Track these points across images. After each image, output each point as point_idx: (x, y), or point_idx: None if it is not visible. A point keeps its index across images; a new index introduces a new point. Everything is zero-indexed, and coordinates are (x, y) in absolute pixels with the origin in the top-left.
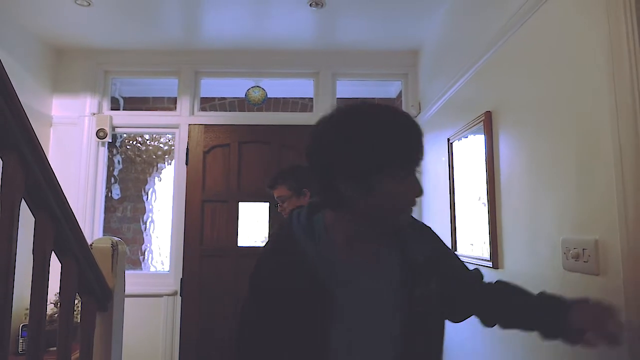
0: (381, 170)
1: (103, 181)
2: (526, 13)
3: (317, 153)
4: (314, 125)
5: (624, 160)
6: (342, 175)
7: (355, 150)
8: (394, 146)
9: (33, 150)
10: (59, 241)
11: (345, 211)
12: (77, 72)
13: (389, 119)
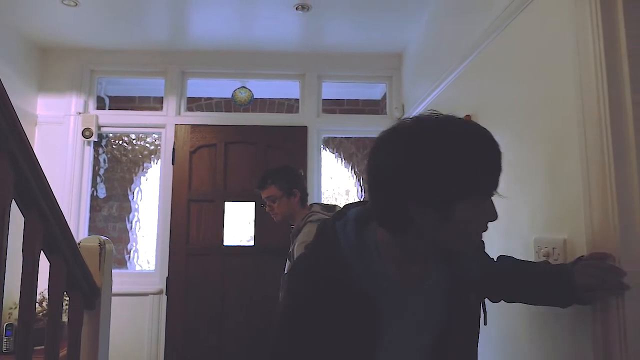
0: (466, 197)
1: (89, 180)
2: (504, 20)
3: (389, 171)
4: (383, 137)
5: (590, 165)
6: (418, 201)
7: (443, 174)
8: (483, 170)
9: (23, 151)
10: (48, 240)
11: (399, 237)
12: (63, 71)
13: (478, 138)
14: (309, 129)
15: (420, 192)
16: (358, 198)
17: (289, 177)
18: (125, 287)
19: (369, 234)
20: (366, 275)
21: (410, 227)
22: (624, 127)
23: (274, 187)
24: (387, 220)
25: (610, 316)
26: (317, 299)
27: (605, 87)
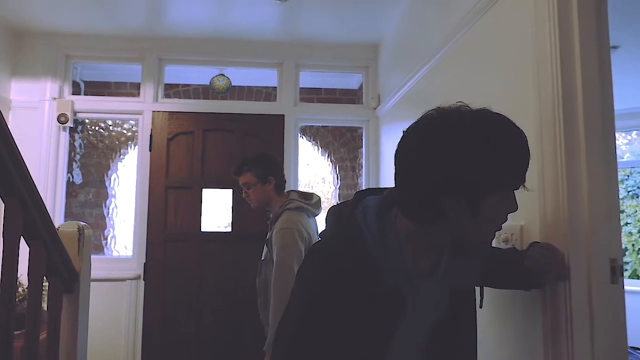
0: (495, 191)
1: (64, 166)
2: (474, 16)
3: (425, 162)
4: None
5: (545, 161)
6: (451, 193)
7: (478, 168)
8: (515, 164)
9: (3, 137)
10: (28, 226)
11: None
12: (37, 55)
13: (512, 134)
14: (286, 117)
15: (455, 185)
16: (334, 186)
17: (265, 165)
18: (103, 273)
19: (390, 224)
20: (389, 266)
21: (439, 219)
22: (576, 127)
23: (249, 174)
24: (416, 211)
25: (559, 300)
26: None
27: (560, 90)
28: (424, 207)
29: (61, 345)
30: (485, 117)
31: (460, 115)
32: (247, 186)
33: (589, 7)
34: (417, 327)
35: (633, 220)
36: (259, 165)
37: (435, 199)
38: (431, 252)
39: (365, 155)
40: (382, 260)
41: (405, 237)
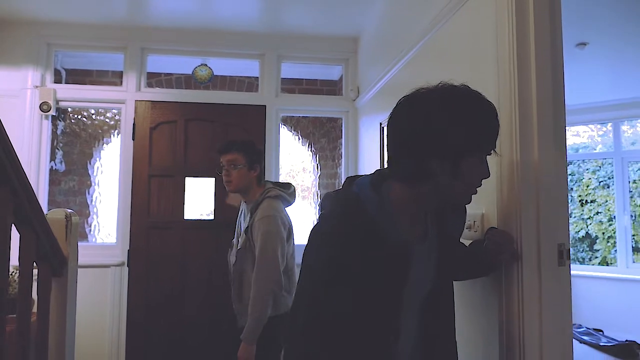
0: (472, 153)
1: (47, 154)
2: (447, 14)
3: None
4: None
5: (502, 151)
6: (437, 155)
7: (462, 129)
8: (489, 129)
9: None
10: (18, 212)
11: (419, 189)
12: (18, 43)
13: (485, 103)
14: (267, 108)
15: (440, 148)
16: (314, 175)
17: (255, 151)
18: (87, 260)
19: (384, 194)
20: (391, 229)
21: (429, 180)
22: (530, 122)
23: (239, 155)
24: (410, 173)
25: (512, 280)
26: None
27: (516, 87)
28: (417, 169)
29: (50, 327)
30: (464, 90)
31: (443, 89)
32: (234, 165)
33: (543, 11)
34: (416, 289)
35: (603, 209)
36: (250, 150)
37: (426, 161)
38: (420, 218)
39: (344, 145)
40: (385, 224)
41: (398, 205)
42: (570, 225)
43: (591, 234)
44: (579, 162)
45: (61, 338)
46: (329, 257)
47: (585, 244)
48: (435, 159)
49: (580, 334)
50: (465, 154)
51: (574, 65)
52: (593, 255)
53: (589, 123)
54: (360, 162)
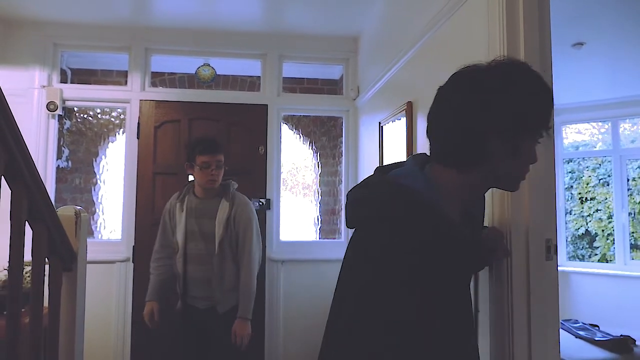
0: (532, 135)
1: (54, 153)
2: (444, 15)
3: (473, 106)
4: (466, 73)
5: None
6: (497, 132)
7: (526, 107)
8: (547, 111)
9: (11, 129)
10: (32, 209)
11: (475, 173)
12: (25, 44)
13: (546, 83)
14: (269, 107)
15: (500, 125)
16: (315, 173)
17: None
18: (93, 255)
19: (437, 184)
20: (455, 225)
21: (484, 160)
22: None
23: (222, 155)
24: (462, 155)
25: (502, 274)
26: (441, 263)
27: None
28: (471, 150)
29: (61, 319)
30: (527, 67)
31: (506, 64)
32: (220, 166)
33: (532, 16)
34: (468, 277)
35: (603, 207)
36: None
37: (482, 140)
38: (460, 202)
39: (344, 143)
40: (449, 219)
41: (449, 192)
42: (570, 223)
43: (591, 232)
44: (579, 160)
45: (71, 330)
46: (412, 275)
47: (585, 241)
48: (494, 136)
49: (576, 329)
50: (526, 135)
51: (572, 65)
52: (593, 252)
53: (588, 121)
54: (360, 161)
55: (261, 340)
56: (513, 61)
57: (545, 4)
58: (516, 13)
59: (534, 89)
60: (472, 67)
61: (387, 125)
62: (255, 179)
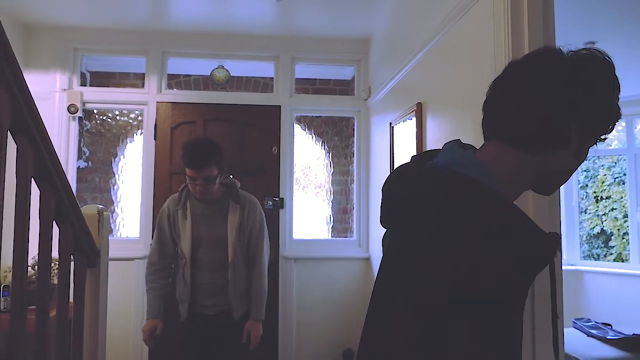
0: (600, 129)
1: (74, 154)
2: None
3: (563, 100)
4: (549, 53)
5: None
6: (579, 122)
7: (605, 101)
8: (617, 108)
9: (40, 133)
10: (59, 209)
11: (541, 157)
12: (46, 48)
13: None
14: (282, 108)
15: (584, 123)
16: (327, 172)
17: (221, 155)
18: (112, 253)
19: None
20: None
21: (558, 146)
22: None
23: (214, 167)
24: (541, 137)
25: None
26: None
27: None
28: (552, 133)
29: (85, 313)
30: (609, 61)
31: (590, 54)
32: (211, 180)
33: (537, 18)
34: None
35: (619, 205)
36: (220, 157)
37: (566, 124)
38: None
39: (356, 143)
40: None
41: (507, 179)
42: (585, 222)
43: (606, 231)
44: (594, 159)
45: (94, 323)
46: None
47: (601, 240)
48: (576, 124)
49: (588, 328)
50: (595, 135)
51: None
52: (608, 251)
53: None
54: (371, 160)
55: (275, 336)
56: (598, 57)
57: (549, 7)
58: (521, 16)
59: (612, 84)
60: (556, 50)
61: (397, 125)
62: (268, 178)
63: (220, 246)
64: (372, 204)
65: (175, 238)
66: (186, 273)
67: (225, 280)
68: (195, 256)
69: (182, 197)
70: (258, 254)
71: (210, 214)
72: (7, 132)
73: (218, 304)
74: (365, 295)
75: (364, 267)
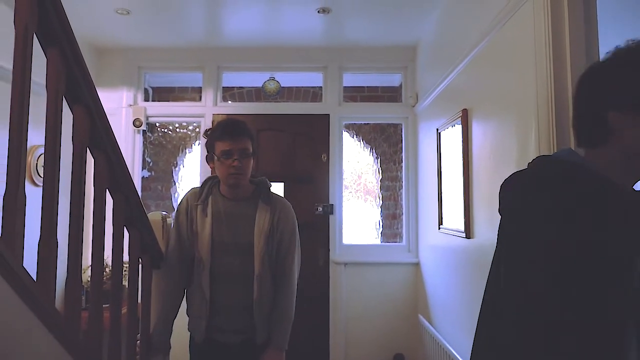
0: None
1: (139, 164)
2: (500, 21)
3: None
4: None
5: (541, 148)
6: (617, 108)
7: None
8: None
9: (115, 151)
10: (129, 216)
11: (608, 150)
12: (114, 68)
13: None
14: (331, 116)
15: (617, 98)
16: (376, 179)
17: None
18: None
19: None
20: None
21: (608, 137)
22: (567, 125)
23: (249, 140)
24: (587, 133)
25: None
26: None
27: (552, 92)
28: (592, 127)
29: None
30: None
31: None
32: (247, 154)
33: (578, 20)
34: None
35: None
36: (253, 135)
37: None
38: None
39: (404, 149)
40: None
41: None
42: None
43: None
44: None
45: None
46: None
47: None
48: (615, 112)
49: None
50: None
51: None
52: None
53: None
54: (420, 166)
55: (325, 339)
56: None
57: (591, 11)
58: (561, 22)
59: None
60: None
61: (444, 131)
62: (318, 185)
63: (245, 254)
64: (421, 209)
65: (192, 238)
66: (204, 283)
67: (249, 298)
68: (215, 263)
69: (205, 191)
70: (288, 268)
71: (236, 212)
72: (86, 148)
73: (239, 330)
74: (414, 300)
75: (414, 272)
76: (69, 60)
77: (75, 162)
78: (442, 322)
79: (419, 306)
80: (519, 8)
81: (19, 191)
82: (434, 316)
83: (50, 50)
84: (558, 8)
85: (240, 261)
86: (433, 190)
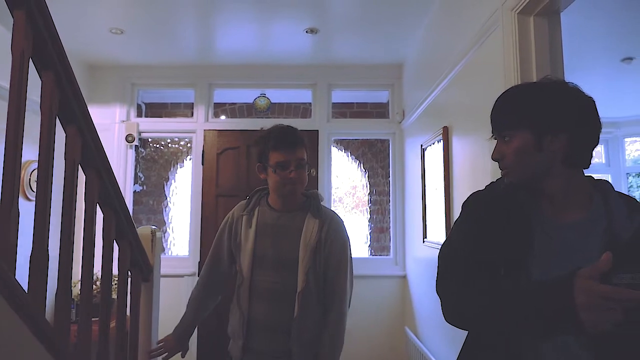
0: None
1: (131, 179)
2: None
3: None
4: (539, 86)
5: None
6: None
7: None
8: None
9: (105, 166)
10: (118, 230)
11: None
12: (108, 85)
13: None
14: (320, 132)
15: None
16: (364, 193)
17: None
18: (164, 270)
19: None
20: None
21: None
22: None
23: (305, 150)
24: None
25: None
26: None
27: None
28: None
29: (140, 322)
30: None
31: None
32: (302, 165)
33: (544, 52)
34: (559, 261)
35: None
36: (306, 143)
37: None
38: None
39: (392, 164)
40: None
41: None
42: None
43: None
44: None
45: (148, 333)
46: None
47: None
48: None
49: None
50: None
51: (623, 79)
52: None
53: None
54: (406, 181)
55: None
56: (566, 83)
57: (556, 37)
58: (528, 45)
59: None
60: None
61: (428, 148)
62: None
63: (288, 269)
64: (408, 223)
65: (235, 251)
66: (243, 299)
67: (289, 317)
68: (255, 279)
69: (252, 202)
70: (338, 288)
71: (283, 225)
72: (78, 165)
73: (277, 353)
74: (401, 312)
75: (401, 285)
76: (63, 83)
77: (67, 178)
78: (427, 334)
79: (405, 318)
80: (491, 33)
81: (13, 206)
82: (419, 328)
83: (45, 73)
84: (525, 34)
85: (283, 277)
86: (418, 205)
